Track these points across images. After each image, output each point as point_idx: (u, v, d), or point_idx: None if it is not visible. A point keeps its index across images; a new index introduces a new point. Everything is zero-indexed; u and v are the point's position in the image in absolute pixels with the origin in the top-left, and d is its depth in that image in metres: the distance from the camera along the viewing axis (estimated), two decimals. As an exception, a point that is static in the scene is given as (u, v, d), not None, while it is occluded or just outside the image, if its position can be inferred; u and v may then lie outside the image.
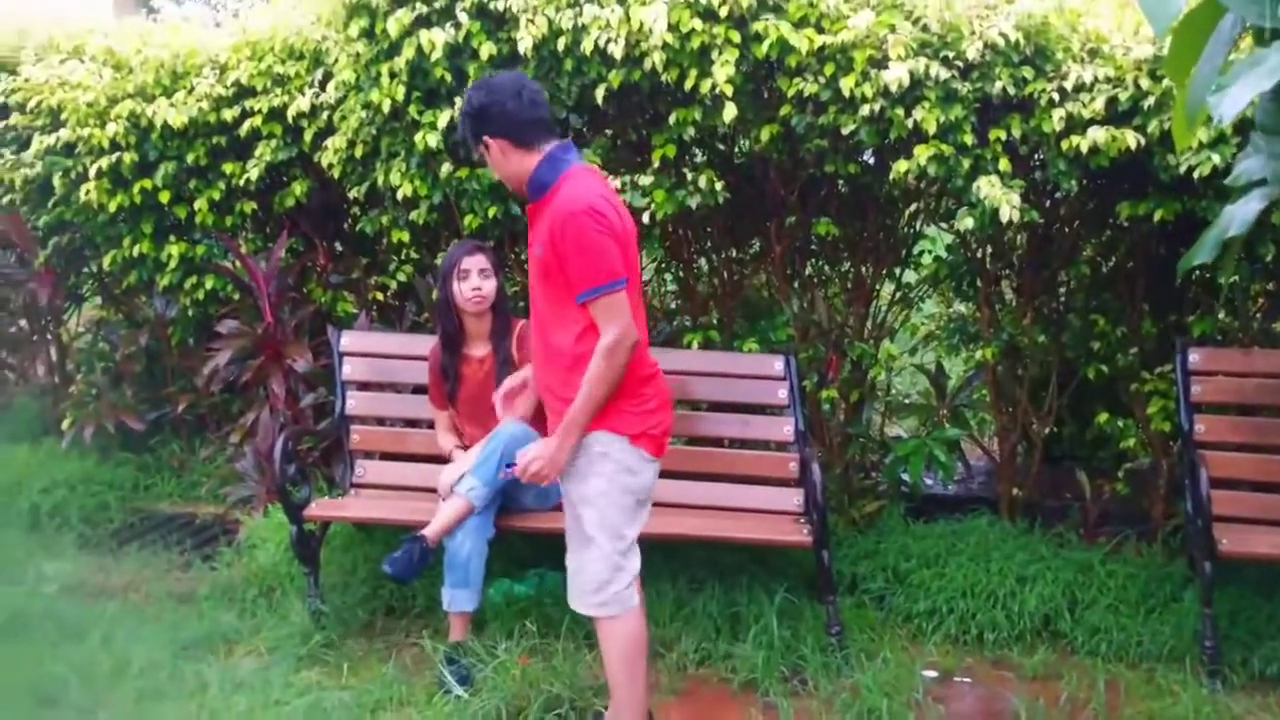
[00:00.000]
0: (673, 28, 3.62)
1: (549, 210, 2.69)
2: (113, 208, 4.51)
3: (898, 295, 4.53)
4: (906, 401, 4.98)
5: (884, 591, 3.78)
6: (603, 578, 2.78)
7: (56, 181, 4.59)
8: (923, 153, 3.54)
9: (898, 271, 4.49)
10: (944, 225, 4.26)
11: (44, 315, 5.35)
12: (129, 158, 4.43)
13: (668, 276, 4.88)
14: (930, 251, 4.68)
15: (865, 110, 3.57)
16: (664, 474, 3.82)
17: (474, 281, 3.65)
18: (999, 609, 3.60)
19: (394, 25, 3.85)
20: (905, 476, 4.19)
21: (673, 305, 4.85)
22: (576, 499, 2.81)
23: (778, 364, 3.87)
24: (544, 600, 3.64)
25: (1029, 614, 3.58)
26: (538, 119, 2.75)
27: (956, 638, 3.60)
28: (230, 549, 4.17)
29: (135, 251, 4.64)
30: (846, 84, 3.56)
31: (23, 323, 5.48)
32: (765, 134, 3.81)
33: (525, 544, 3.90)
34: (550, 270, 2.69)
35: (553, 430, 2.79)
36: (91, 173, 4.45)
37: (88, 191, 4.47)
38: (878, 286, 4.45)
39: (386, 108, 3.95)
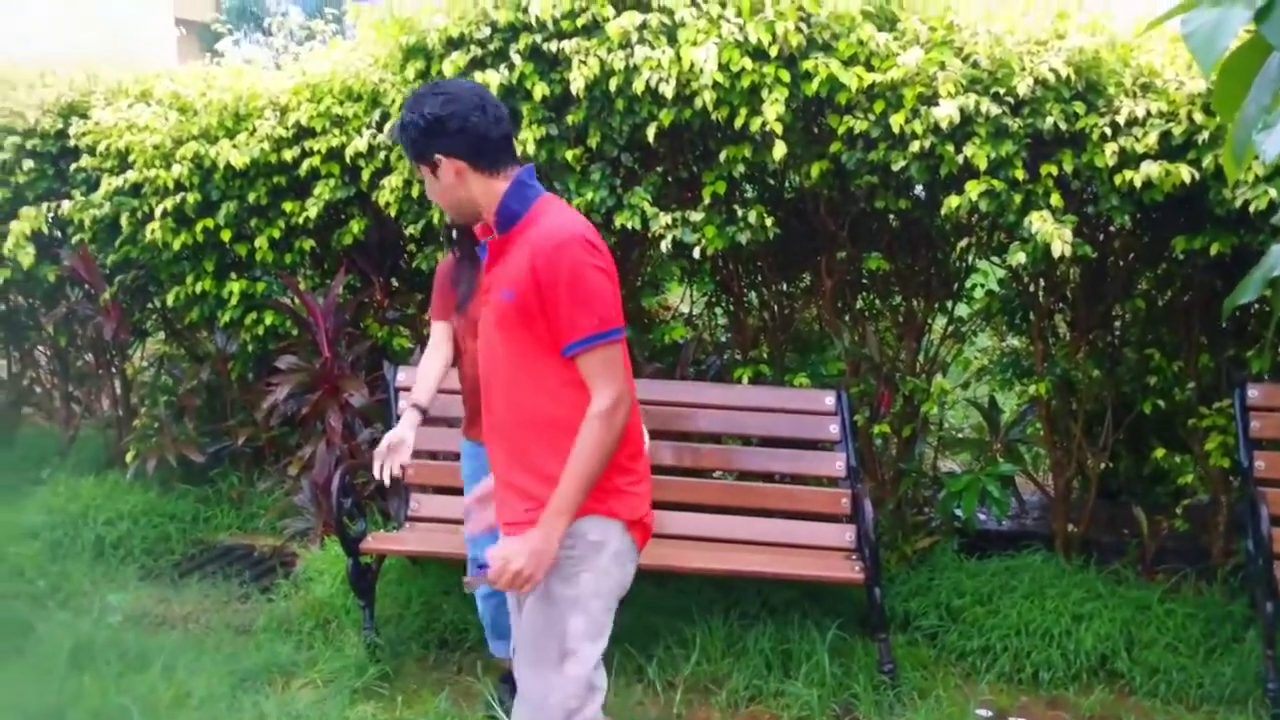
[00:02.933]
0: (723, 67, 3.66)
1: (522, 244, 2.19)
2: (177, 246, 4.64)
3: (950, 329, 4.51)
4: (960, 436, 4.96)
5: (937, 629, 3.75)
6: (572, 705, 2.23)
7: (124, 221, 4.73)
8: (974, 188, 3.54)
9: (949, 305, 4.48)
10: (996, 259, 4.25)
11: (109, 350, 5.48)
12: (193, 198, 4.55)
13: (718, 310, 4.91)
14: (982, 285, 4.67)
15: (915, 146, 3.58)
16: (716, 509, 3.88)
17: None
18: (1054, 647, 3.56)
19: (449, 67, 3.93)
20: (958, 512, 4.17)
21: (723, 339, 4.87)
22: (561, 602, 2.22)
23: (829, 399, 3.88)
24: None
25: (1085, 653, 3.53)
26: (505, 137, 2.26)
27: (1011, 676, 3.56)
28: (287, 581, 4.24)
29: (198, 288, 4.75)
30: (896, 121, 3.58)
31: (89, 357, 5.63)
32: (815, 170, 3.83)
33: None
34: (524, 316, 2.18)
35: (516, 520, 2.25)
36: (157, 212, 4.58)
37: (153, 230, 4.60)
38: (929, 320, 4.44)
39: (442, 147, 4.03)
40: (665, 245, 3.90)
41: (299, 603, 4.02)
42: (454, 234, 3.22)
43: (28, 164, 5.04)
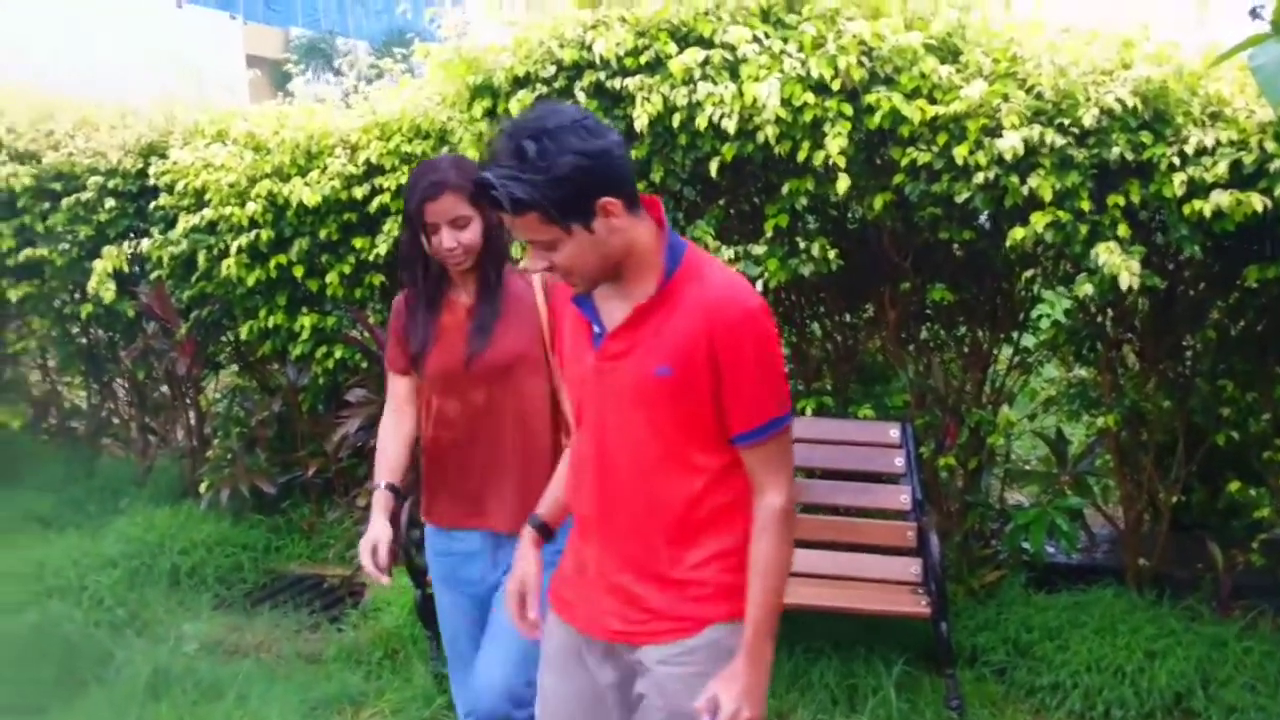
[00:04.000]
0: (785, 102, 3.69)
1: (684, 308, 1.85)
2: (250, 281, 4.76)
3: (1016, 360, 4.47)
4: (1027, 468, 4.90)
5: (1005, 664, 3.70)
6: None
7: (200, 258, 4.87)
8: (1039, 220, 3.53)
9: (1015, 336, 4.44)
10: (1063, 289, 4.21)
11: (184, 383, 5.63)
12: (266, 234, 4.67)
13: (781, 342, 4.91)
14: (1049, 315, 4.62)
15: (979, 178, 3.58)
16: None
17: (446, 239, 2.51)
18: (1126, 685, 3.50)
19: (515, 105, 4.00)
20: (1026, 545, 4.12)
21: (787, 370, 4.87)
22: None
23: (893, 431, 3.87)
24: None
25: (1159, 691, 3.46)
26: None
27: (1082, 714, 3.50)
28: (356, 611, 4.30)
29: (270, 322, 4.87)
30: (960, 153, 3.58)
31: (165, 389, 5.78)
32: (878, 202, 3.84)
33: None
34: (684, 395, 1.86)
35: (630, 631, 1.95)
36: (232, 249, 4.71)
37: (228, 267, 4.72)
38: (995, 351, 4.40)
39: (508, 184, 4.10)
40: (728, 278, 3.92)
41: (367, 633, 4.08)
42: (418, 268, 2.63)
43: (109, 203, 5.21)
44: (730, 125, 3.72)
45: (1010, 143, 3.47)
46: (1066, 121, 3.55)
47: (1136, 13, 3.89)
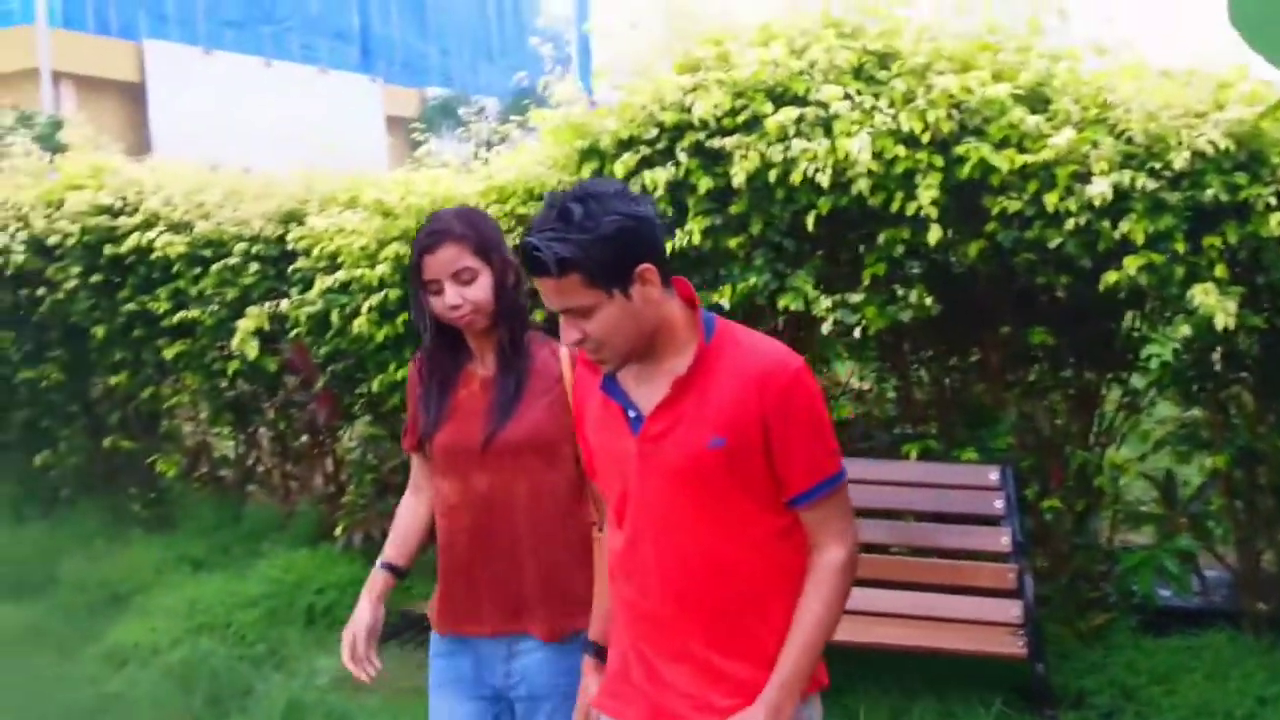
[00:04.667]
0: (877, 155, 3.82)
1: (724, 375, 1.83)
2: (380, 337, 5.06)
3: (1125, 400, 4.46)
4: (1144, 510, 4.84)
5: (1111, 708, 3.69)
6: None
7: (334, 316, 5.21)
8: (1132, 263, 3.57)
9: (1125, 376, 4.43)
10: (1169, 329, 4.20)
11: (322, 432, 5.99)
12: (394, 294, 4.98)
13: (885, 385, 4.99)
14: (1158, 356, 4.58)
15: (1070, 224, 3.64)
16: (881, 584, 3.94)
17: (449, 295, 2.23)
18: (1236, 730, 3.46)
19: (620, 167, 4.22)
20: (1136, 588, 4.09)
21: (892, 414, 4.94)
22: None
23: (993, 474, 3.91)
24: None
25: (1270, 737, 3.42)
26: None
27: (1190, 759, 3.47)
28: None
29: (399, 375, 5.17)
30: (1050, 200, 3.65)
31: (304, 439, 6.16)
32: (973, 249, 3.92)
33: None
34: (739, 464, 1.82)
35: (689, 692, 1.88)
36: (363, 308, 5.03)
37: (359, 324, 5.04)
38: (1103, 392, 4.40)
39: (615, 240, 4.31)
40: (826, 327, 4.05)
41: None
42: (428, 336, 2.34)
43: (253, 267, 5.62)
44: (824, 179, 3.87)
45: (1099, 188, 3.53)
46: (1158, 165, 3.59)
47: (1234, 54, 3.91)
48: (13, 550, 5.96)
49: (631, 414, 1.89)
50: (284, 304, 5.45)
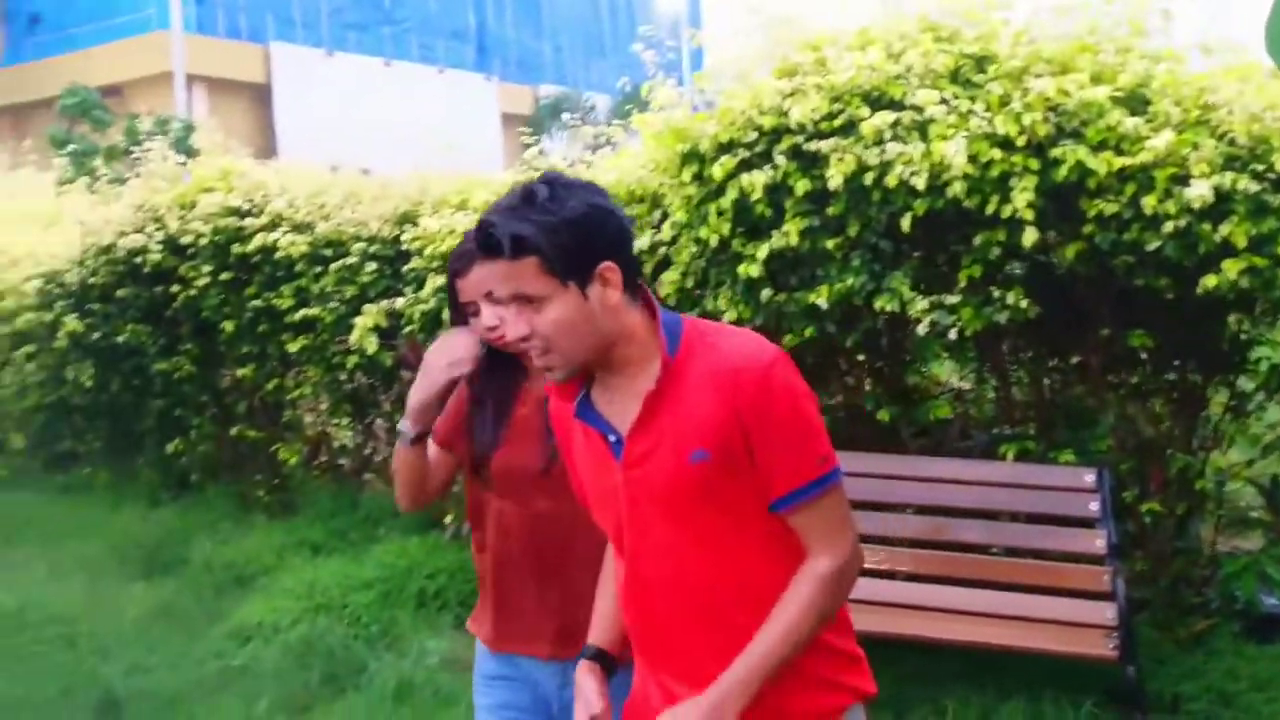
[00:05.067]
0: (972, 159, 3.85)
1: (695, 383, 1.70)
2: (489, 334, 5.28)
3: (1232, 403, 4.39)
4: (1251, 515, 4.75)
5: (1208, 714, 3.66)
6: None
7: (446, 314, 5.43)
8: (1232, 267, 3.54)
9: (1232, 379, 4.36)
10: (1278, 332, 4.13)
11: (434, 424, 6.23)
12: (501, 292, 5.19)
13: (985, 386, 4.99)
14: (1269, 358, 4.50)
15: (1169, 227, 3.62)
16: (975, 583, 3.98)
17: (487, 317, 2.17)
18: (1338, 740, 3.41)
19: (719, 170, 4.32)
20: (1239, 594, 4.04)
21: (990, 415, 4.95)
22: None
23: (1089, 476, 3.91)
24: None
25: (1374, 748, 3.36)
26: None
27: (1289, 768, 3.44)
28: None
29: (506, 371, 5.38)
30: (1148, 203, 3.64)
31: (418, 430, 6.40)
32: (1070, 251, 3.93)
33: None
34: (726, 474, 1.69)
35: None
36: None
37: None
38: (1209, 394, 4.35)
39: (714, 242, 4.43)
40: (922, 328, 4.10)
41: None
42: (486, 355, 2.23)
43: (370, 266, 5.89)
44: (919, 182, 3.91)
45: (1199, 191, 3.51)
46: (1261, 167, 3.55)
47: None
48: (147, 532, 6.34)
49: (612, 438, 1.76)
50: (399, 301, 5.69)
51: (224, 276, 6.46)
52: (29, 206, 8.40)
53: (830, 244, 4.23)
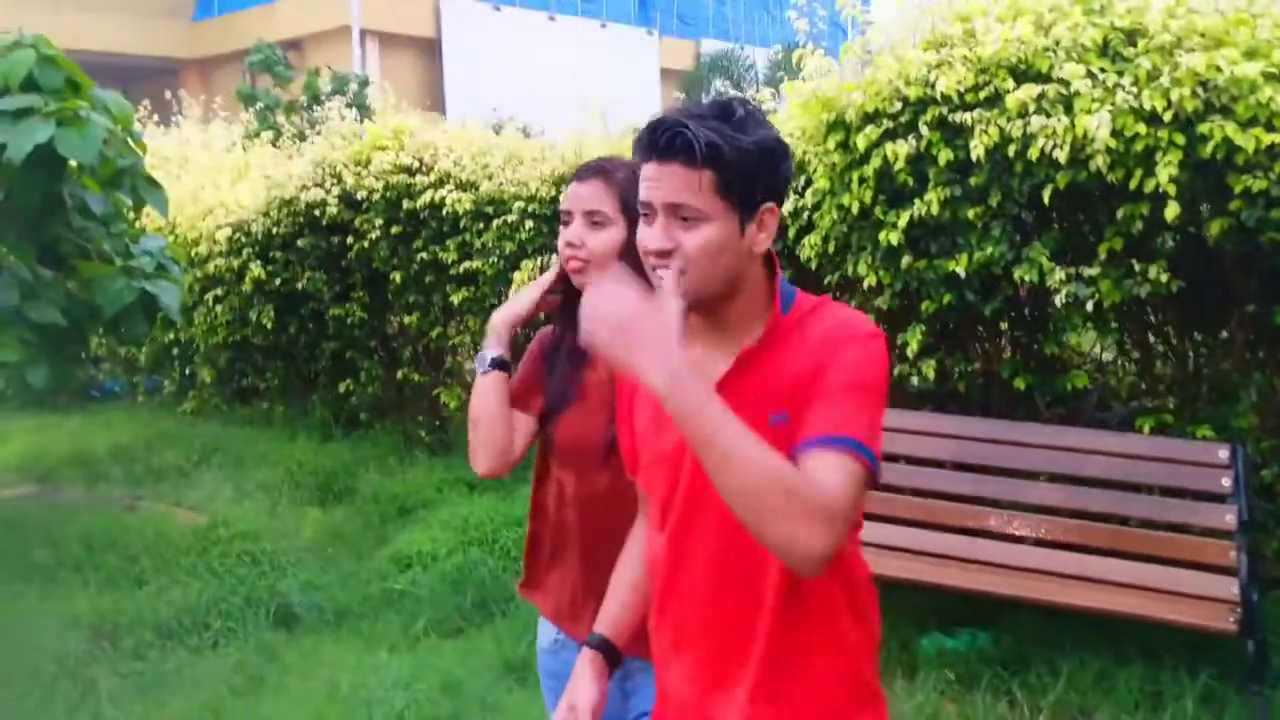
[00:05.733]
0: (1117, 133, 3.88)
1: (805, 340, 1.60)
2: (636, 292, 5.54)
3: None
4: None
5: (1334, 693, 3.68)
6: None
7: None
8: (1381, 247, 3.50)
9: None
10: None
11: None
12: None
13: (1126, 359, 4.99)
14: None
15: (1318, 205, 3.59)
16: (1100, 551, 4.05)
17: (570, 233, 2.06)
18: None
19: (862, 139, 4.44)
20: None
21: (1131, 387, 4.95)
22: None
23: (1223, 452, 3.92)
24: (970, 657, 3.99)
25: None
26: None
27: None
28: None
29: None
30: (1297, 180, 3.62)
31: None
32: (1216, 228, 3.92)
33: (961, 604, 4.27)
34: (794, 441, 1.51)
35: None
36: (622, 264, 5.51)
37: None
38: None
39: (856, 209, 4.56)
40: (1060, 299, 4.16)
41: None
42: (564, 299, 2.18)
43: (528, 224, 6.21)
44: (1061, 155, 3.96)
45: (1349, 170, 3.47)
46: None
47: None
48: (320, 463, 6.87)
49: None
50: (553, 258, 5.98)
51: (394, 230, 6.88)
52: (220, 160, 9.03)
53: (971, 213, 4.31)
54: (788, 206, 4.93)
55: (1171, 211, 3.81)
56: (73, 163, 4.98)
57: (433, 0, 26.13)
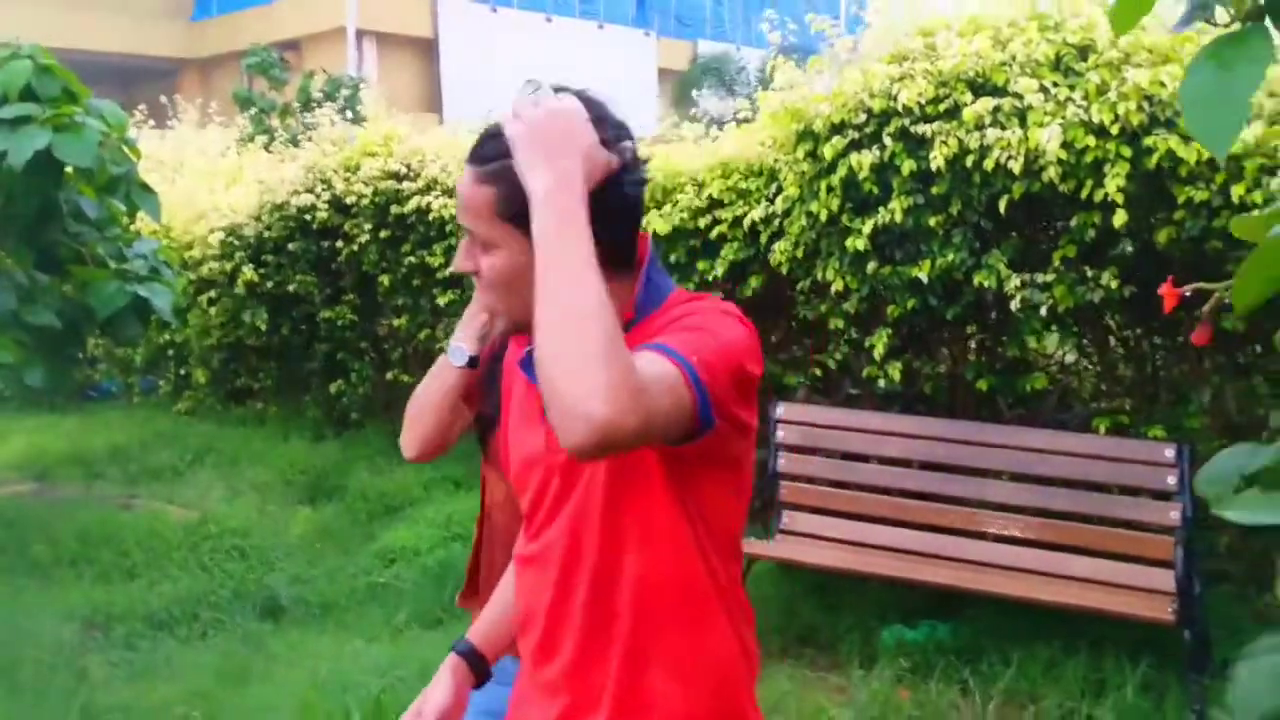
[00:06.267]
0: (1067, 145, 4.05)
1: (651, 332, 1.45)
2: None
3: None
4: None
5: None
6: None
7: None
8: (1314, 256, 3.66)
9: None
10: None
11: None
12: (628, 257, 5.59)
13: (1084, 362, 5.16)
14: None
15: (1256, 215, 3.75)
16: (1057, 547, 4.22)
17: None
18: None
19: (829, 149, 4.61)
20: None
21: (1091, 389, 5.12)
22: None
23: (1169, 451, 4.10)
24: (928, 648, 4.16)
25: None
26: None
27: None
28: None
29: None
30: (1237, 191, 3.79)
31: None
32: (1164, 236, 4.09)
33: (925, 598, 4.44)
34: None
35: None
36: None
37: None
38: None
39: (824, 216, 4.73)
40: (1015, 304, 4.33)
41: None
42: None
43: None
44: (1016, 166, 4.14)
45: (1284, 182, 3.64)
46: (1351, 160, 3.65)
47: None
48: (311, 462, 7.03)
49: None
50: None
51: (383, 234, 7.05)
52: (215, 164, 9.20)
53: (933, 221, 4.48)
54: (759, 214, 5.10)
55: (1120, 219, 3.98)
56: (69, 169, 5.16)
57: (430, 1, 26.28)
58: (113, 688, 3.94)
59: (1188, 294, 1.24)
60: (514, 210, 1.40)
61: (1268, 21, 0.96)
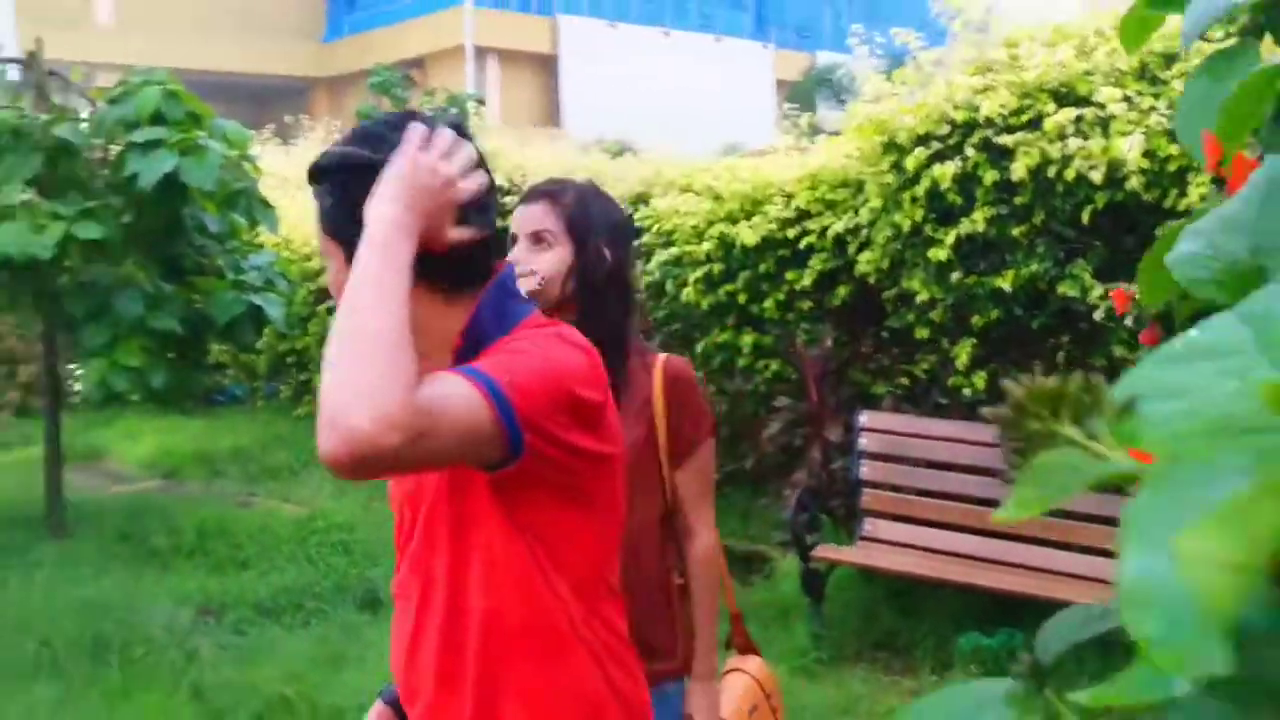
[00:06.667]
0: (1150, 154, 4.03)
1: None
2: (705, 305, 5.82)
3: None
4: None
5: None
6: None
7: (668, 285, 6.02)
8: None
9: None
10: None
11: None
12: (717, 268, 5.71)
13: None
14: None
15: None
16: (1069, 547, 4.20)
17: (514, 253, 1.96)
18: None
19: (912, 161, 4.66)
20: None
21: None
22: None
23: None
24: (1002, 657, 4.16)
25: None
26: None
27: None
28: (763, 579, 5.20)
29: (720, 339, 5.90)
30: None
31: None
32: (1251, 245, 4.03)
33: (999, 604, 4.44)
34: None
35: None
36: (690, 279, 5.80)
37: (687, 294, 5.82)
38: None
39: (908, 227, 4.78)
40: (1098, 315, 4.31)
41: (767, 595, 4.96)
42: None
43: (609, 240, 6.55)
44: (1097, 177, 4.13)
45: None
46: None
47: None
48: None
49: None
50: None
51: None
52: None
53: (1016, 231, 4.49)
54: (845, 225, 5.17)
55: (1201, 230, 3.94)
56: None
57: (551, 18, 26.83)
58: (220, 668, 4.22)
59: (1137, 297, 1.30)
60: (334, 226, 1.41)
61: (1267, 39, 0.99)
